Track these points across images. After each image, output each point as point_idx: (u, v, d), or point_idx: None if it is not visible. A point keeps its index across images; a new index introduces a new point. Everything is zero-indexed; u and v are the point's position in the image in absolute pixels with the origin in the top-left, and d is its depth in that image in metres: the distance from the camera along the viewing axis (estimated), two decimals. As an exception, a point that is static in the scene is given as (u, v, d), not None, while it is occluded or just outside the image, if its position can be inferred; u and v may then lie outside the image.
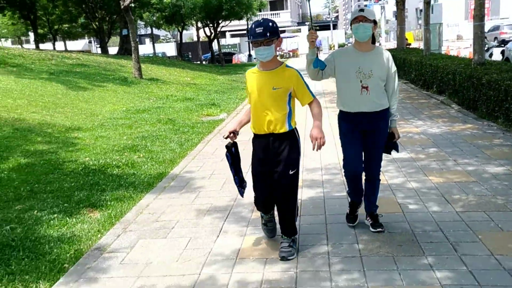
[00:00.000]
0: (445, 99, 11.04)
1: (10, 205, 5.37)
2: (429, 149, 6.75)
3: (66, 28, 44.46)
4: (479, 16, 10.36)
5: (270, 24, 3.48)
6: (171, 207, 5.12)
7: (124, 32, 24.97)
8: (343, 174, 4.23)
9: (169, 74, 19.77)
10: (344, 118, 3.99)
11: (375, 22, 3.78)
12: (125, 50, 25.55)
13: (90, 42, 70.39)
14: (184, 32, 64.12)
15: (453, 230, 4.00)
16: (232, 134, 3.74)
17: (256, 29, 3.45)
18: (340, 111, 4.03)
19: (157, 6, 31.84)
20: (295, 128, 3.69)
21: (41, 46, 39.66)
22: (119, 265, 3.85)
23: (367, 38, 3.78)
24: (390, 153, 4.20)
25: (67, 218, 4.95)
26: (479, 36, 10.52)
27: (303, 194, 5.22)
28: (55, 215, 5.03)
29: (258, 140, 3.73)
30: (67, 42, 54.65)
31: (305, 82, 3.63)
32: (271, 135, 3.62)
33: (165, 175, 6.44)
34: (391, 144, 4.09)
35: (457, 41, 45.43)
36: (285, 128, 3.58)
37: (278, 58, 3.71)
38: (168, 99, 13.77)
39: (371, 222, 4.13)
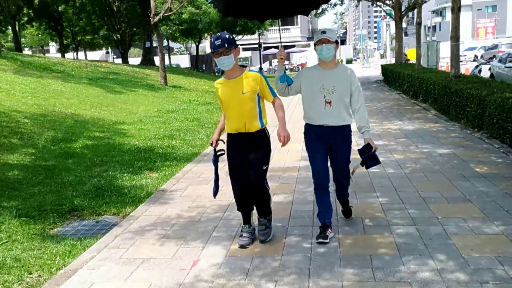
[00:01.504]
0: (426, 106, 13.10)
1: (90, 168, 7.49)
2: (399, 139, 8.81)
3: (88, 39, 47.30)
4: (455, 37, 12.40)
5: (227, 36, 3.90)
6: (208, 171, 7.20)
7: (147, 44, 27.30)
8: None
9: (189, 83, 22.00)
10: (309, 130, 4.31)
11: (337, 42, 4.13)
12: (148, 61, 27.89)
13: (107, 52, 73.24)
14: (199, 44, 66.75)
15: (398, 181, 6.06)
16: (217, 142, 4.25)
17: (216, 42, 3.86)
18: (306, 123, 4.35)
19: (176, 21, 34.26)
20: (266, 127, 4.15)
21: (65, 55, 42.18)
22: (179, 197, 5.95)
23: (331, 58, 4.12)
24: (369, 167, 4.30)
25: (134, 176, 7.06)
26: (456, 54, 12.57)
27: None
28: (125, 175, 7.14)
29: (233, 138, 4.14)
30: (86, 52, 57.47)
31: (267, 82, 4.06)
32: (246, 134, 4.04)
33: (199, 154, 8.55)
34: (369, 154, 4.21)
35: (462, 57, 46.87)
36: (258, 126, 4.03)
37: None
38: (191, 103, 15.94)
39: (342, 209, 4.75)
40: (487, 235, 4.20)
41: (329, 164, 4.37)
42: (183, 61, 63.50)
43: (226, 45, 3.82)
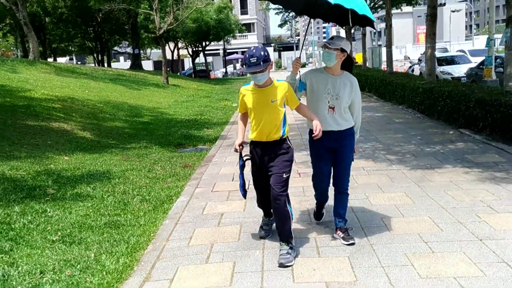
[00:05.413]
0: (370, 94, 18.41)
1: (168, 129, 12.11)
2: (353, 110, 13.93)
3: (62, 47, 50.65)
4: (389, 45, 17.77)
5: (262, 53, 3.81)
6: (242, 127, 12.02)
7: (136, 51, 31.56)
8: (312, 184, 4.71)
9: (180, 83, 26.60)
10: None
11: (342, 50, 4.06)
12: (137, 65, 32.14)
13: (70, 59, 76.09)
14: (154, 51, 70.77)
15: (371, 143, 11.06)
16: (241, 146, 4.17)
17: (251, 59, 3.80)
18: (310, 129, 4.31)
19: (152, 30, 38.59)
20: (288, 136, 4.13)
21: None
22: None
23: (332, 64, 4.12)
24: None
25: (199, 131, 11.77)
26: (390, 57, 17.94)
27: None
28: (193, 131, 11.83)
29: (257, 147, 4.13)
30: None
31: (293, 89, 4.13)
32: (269, 142, 4.05)
33: (227, 122, 13.31)
34: None
35: (404, 60, 52.37)
36: (279, 134, 4.02)
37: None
38: (194, 96, 20.63)
39: (342, 235, 4.23)
40: (396, 137, 9.29)
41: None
42: (147, 65, 67.31)
43: (261, 64, 3.81)
